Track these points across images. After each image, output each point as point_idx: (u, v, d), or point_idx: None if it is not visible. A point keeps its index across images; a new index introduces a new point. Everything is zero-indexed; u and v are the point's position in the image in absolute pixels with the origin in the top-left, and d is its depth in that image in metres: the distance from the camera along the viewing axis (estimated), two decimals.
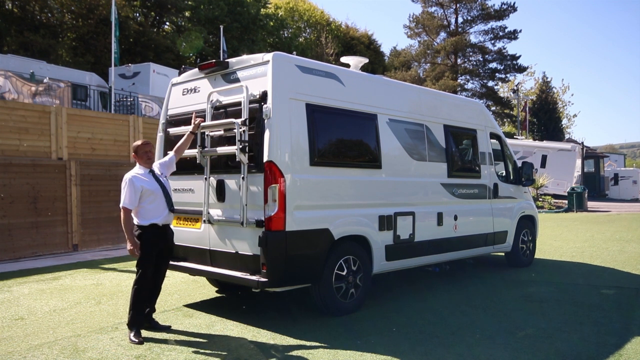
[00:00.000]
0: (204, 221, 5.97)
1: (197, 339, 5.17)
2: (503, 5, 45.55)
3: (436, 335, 5.24)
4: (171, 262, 6.42)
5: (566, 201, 24.55)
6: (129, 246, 5.24)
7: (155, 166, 5.57)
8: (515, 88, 49.63)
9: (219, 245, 5.87)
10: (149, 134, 13.03)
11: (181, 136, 5.97)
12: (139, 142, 5.52)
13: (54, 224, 11.09)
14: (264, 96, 5.44)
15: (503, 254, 9.22)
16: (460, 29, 47.55)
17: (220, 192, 5.85)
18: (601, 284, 7.64)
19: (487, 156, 8.49)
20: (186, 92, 6.54)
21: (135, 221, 5.32)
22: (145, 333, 5.34)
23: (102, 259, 10.54)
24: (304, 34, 46.16)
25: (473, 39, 47.64)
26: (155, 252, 5.37)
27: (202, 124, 5.89)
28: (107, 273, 8.96)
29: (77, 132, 11.71)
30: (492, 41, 46.74)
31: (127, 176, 5.31)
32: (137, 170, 5.40)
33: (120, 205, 5.23)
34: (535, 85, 56.16)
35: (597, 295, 6.99)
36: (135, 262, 5.38)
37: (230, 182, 5.76)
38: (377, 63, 46.60)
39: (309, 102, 5.74)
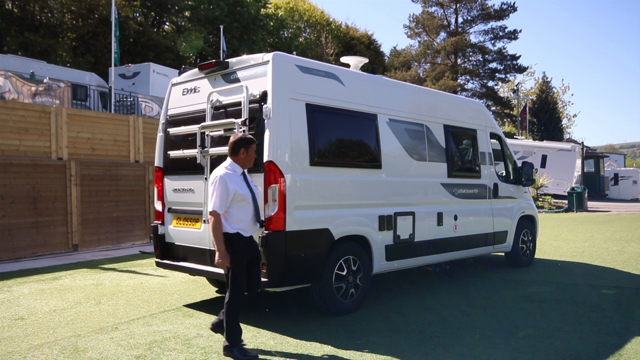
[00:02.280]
0: (204, 221, 5.97)
1: (197, 339, 5.16)
2: (503, 5, 45.56)
3: (436, 336, 5.24)
4: (171, 262, 6.46)
5: (566, 201, 24.56)
6: (217, 257, 4.59)
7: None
8: (515, 88, 49.67)
9: None
10: (149, 134, 13.05)
11: (181, 136, 5.95)
12: (246, 137, 4.82)
13: (54, 224, 11.09)
14: (264, 96, 5.44)
15: (503, 254, 9.22)
16: (460, 29, 47.54)
17: None
18: (601, 284, 7.64)
19: (487, 156, 8.49)
20: (186, 92, 6.54)
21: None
22: (145, 332, 5.35)
23: (102, 259, 10.55)
24: (304, 34, 46.15)
25: (473, 39, 47.71)
26: (245, 263, 4.77)
27: (203, 123, 5.89)
28: (107, 273, 8.96)
29: (77, 132, 11.71)
30: (492, 41, 46.78)
31: (218, 173, 4.66)
32: (229, 168, 4.74)
33: (210, 208, 4.60)
34: (535, 85, 56.22)
35: (597, 295, 6.99)
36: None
37: None
38: (377, 63, 46.61)
39: (309, 102, 5.74)
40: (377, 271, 6.41)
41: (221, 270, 5.76)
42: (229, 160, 4.79)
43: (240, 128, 5.44)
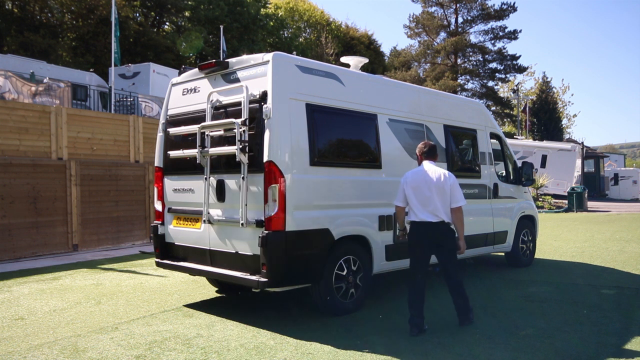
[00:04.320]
0: (204, 221, 5.97)
1: (197, 339, 5.17)
2: (503, 5, 45.55)
3: (436, 336, 5.24)
4: (171, 262, 6.47)
5: (566, 201, 24.56)
6: (463, 245, 5.45)
7: None
8: (515, 88, 49.67)
9: (219, 245, 5.87)
10: (149, 134, 13.05)
11: (181, 136, 5.94)
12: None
13: (54, 224, 11.09)
14: (264, 96, 5.44)
15: (503, 254, 9.21)
16: (460, 29, 47.54)
17: (220, 192, 5.85)
18: (601, 284, 7.64)
19: (487, 156, 8.48)
20: (186, 92, 6.54)
21: (448, 219, 5.35)
22: (145, 332, 5.36)
23: (102, 259, 10.55)
24: (304, 34, 46.18)
25: (473, 39, 47.69)
26: None
27: (203, 123, 5.89)
28: (107, 273, 8.96)
29: (77, 132, 11.71)
30: (492, 41, 46.77)
31: (447, 173, 5.38)
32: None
33: (458, 204, 5.33)
34: (535, 85, 56.21)
35: (597, 295, 6.98)
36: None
37: (230, 182, 5.76)
38: (377, 63, 46.62)
39: (309, 102, 5.74)
40: (377, 271, 6.41)
41: (221, 271, 5.79)
42: (430, 161, 5.50)
43: (240, 128, 5.44)
